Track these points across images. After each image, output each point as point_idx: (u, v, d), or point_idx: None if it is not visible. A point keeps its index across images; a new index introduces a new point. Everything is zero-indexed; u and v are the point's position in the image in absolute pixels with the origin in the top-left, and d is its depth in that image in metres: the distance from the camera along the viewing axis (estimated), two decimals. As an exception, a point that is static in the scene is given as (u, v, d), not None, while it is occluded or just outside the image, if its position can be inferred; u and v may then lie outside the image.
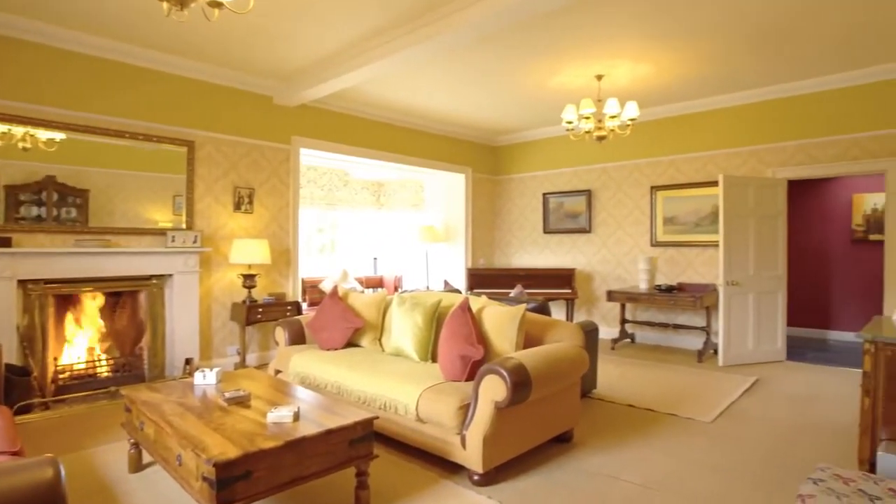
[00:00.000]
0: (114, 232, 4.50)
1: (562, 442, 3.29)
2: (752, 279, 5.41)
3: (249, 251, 5.10)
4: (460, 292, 4.16)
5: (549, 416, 3.04)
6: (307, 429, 2.24)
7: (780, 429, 3.57)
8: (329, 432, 2.25)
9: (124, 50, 4.47)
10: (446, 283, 5.08)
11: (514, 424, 2.78)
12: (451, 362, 3.05)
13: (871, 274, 6.52)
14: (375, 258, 9.20)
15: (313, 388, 3.50)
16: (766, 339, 5.47)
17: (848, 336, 6.66)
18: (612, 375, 4.94)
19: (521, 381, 2.61)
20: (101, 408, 3.95)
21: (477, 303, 3.46)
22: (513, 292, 4.32)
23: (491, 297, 3.99)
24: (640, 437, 3.41)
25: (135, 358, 4.71)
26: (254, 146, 5.50)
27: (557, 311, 7.54)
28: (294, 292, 5.88)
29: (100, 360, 4.52)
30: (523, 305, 3.16)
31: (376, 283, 8.47)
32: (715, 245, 6.02)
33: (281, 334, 4.21)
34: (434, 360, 3.54)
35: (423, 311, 3.63)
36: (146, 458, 2.92)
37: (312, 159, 7.21)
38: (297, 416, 2.35)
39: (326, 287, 7.58)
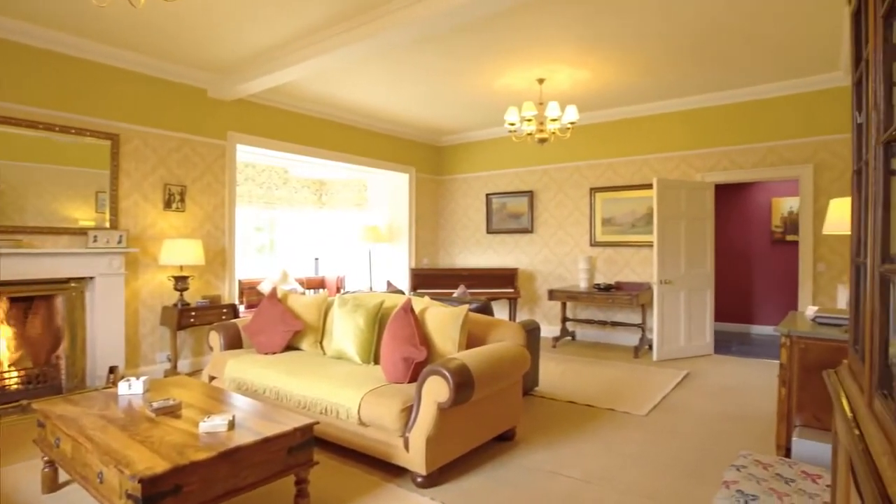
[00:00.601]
0: (26, 231, 4.14)
1: (504, 440, 3.32)
2: (684, 277, 5.69)
3: (181, 252, 4.84)
4: (403, 293, 4.11)
5: (491, 415, 3.06)
6: (243, 437, 2.14)
7: (709, 419, 3.77)
8: (266, 440, 2.16)
9: (37, 34, 4.11)
10: (389, 283, 5.01)
11: (457, 425, 2.78)
12: (393, 364, 3.01)
13: (787, 272, 7.02)
14: (317, 259, 8.99)
15: (250, 395, 3.36)
16: (697, 335, 5.77)
17: (768, 330, 7.15)
18: (554, 373, 5.06)
19: (463, 382, 2.61)
20: (10, 424, 3.63)
21: (420, 304, 3.44)
22: (456, 292, 4.33)
23: (434, 297, 3.98)
24: (580, 432, 3.50)
25: (51, 368, 4.36)
26: (185, 141, 5.22)
27: (500, 311, 7.64)
28: (230, 295, 5.64)
29: (9, 372, 4.15)
30: (466, 306, 3.17)
31: (318, 285, 8.27)
32: (650, 245, 6.30)
33: (215, 339, 4.02)
34: (377, 362, 3.48)
35: (365, 313, 3.56)
36: (63, 476, 2.70)
37: (250, 156, 6.95)
38: (231, 425, 2.24)
39: (265, 289, 7.33)
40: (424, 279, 6.85)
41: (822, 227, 5.42)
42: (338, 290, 8.07)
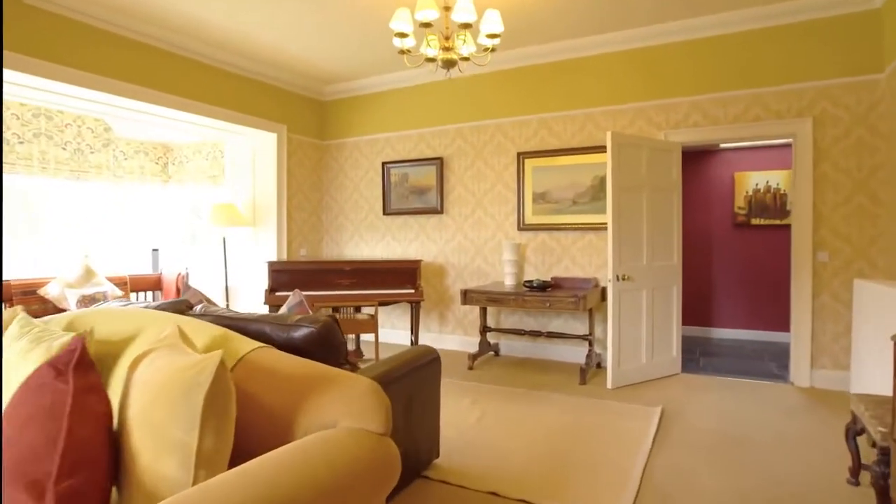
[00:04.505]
0: None
1: None
2: (646, 271, 4.10)
3: None
4: (189, 308, 2.16)
5: None
6: None
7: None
8: None
9: None
10: (184, 286, 2.85)
11: None
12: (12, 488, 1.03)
13: (754, 263, 5.71)
14: (156, 250, 6.64)
15: None
16: (662, 348, 4.21)
17: (732, 334, 5.81)
18: (467, 422, 3.25)
19: None
20: None
21: (144, 342, 1.47)
22: (285, 305, 2.43)
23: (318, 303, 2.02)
24: None
25: None
26: None
27: (399, 320, 5.78)
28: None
29: None
30: (210, 363, 1.21)
31: (152, 285, 5.97)
32: (595, 228, 4.68)
33: None
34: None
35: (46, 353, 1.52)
36: None
37: (46, 96, 4.55)
38: None
39: (52, 292, 4.96)
40: (289, 278, 4.81)
41: (823, 202, 4.06)
42: (178, 291, 5.82)
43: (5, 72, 3.83)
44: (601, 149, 4.58)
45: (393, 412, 2.20)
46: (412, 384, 2.36)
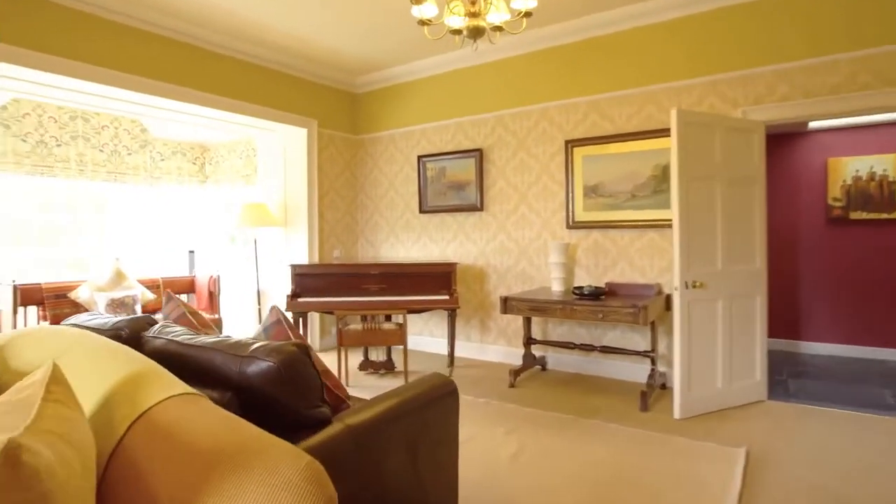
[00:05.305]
0: None
1: None
2: (722, 277, 3.41)
3: None
4: (148, 326, 1.79)
5: None
6: None
7: None
8: None
9: None
10: (166, 297, 2.38)
11: None
12: None
13: (855, 264, 4.82)
14: (192, 252, 6.50)
15: None
16: (742, 370, 3.50)
17: (826, 349, 4.93)
18: (499, 458, 2.71)
19: None
20: None
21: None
22: (261, 325, 2.00)
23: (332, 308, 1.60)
24: None
25: None
26: None
27: (436, 328, 5.30)
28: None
29: None
30: None
31: (186, 287, 5.80)
32: (658, 225, 4.01)
33: None
34: None
35: None
36: None
37: (83, 98, 4.46)
38: None
39: (82, 296, 4.84)
40: (313, 282, 4.44)
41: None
42: (210, 295, 5.61)
43: (43, 74, 3.70)
44: (664, 132, 3.91)
45: (393, 462, 1.72)
46: (419, 425, 1.86)
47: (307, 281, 4.41)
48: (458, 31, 2.97)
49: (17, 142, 5.14)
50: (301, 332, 4.63)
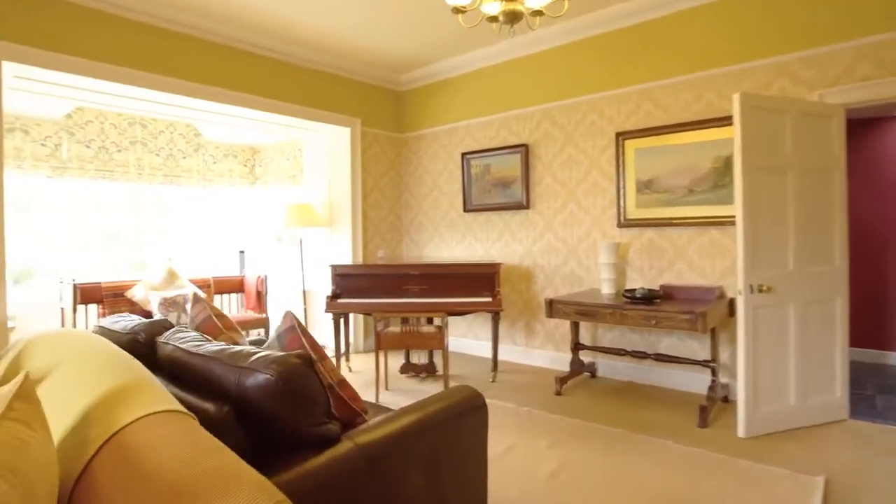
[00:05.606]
0: None
1: None
2: (794, 280, 3.05)
3: None
4: (164, 330, 1.73)
5: None
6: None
7: None
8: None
9: None
10: (194, 300, 2.30)
11: None
12: None
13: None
14: (242, 251, 6.64)
15: None
16: (819, 384, 3.11)
17: (915, 361, 4.38)
18: (537, 476, 2.51)
19: None
20: None
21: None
22: (274, 330, 1.92)
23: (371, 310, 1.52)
24: None
25: None
26: None
27: (480, 329, 5.13)
28: (-7, 313, 3.31)
29: None
30: None
31: (236, 287, 5.92)
32: (719, 222, 3.66)
33: None
34: None
35: None
36: None
37: (145, 106, 4.65)
38: None
39: (137, 294, 5.01)
40: (353, 283, 4.38)
41: None
42: (258, 295, 5.70)
43: (104, 83, 3.86)
44: (726, 121, 3.56)
45: (412, 484, 1.57)
46: (443, 443, 1.71)
47: (347, 281, 4.36)
48: (494, 18, 2.80)
49: (81, 148, 5.40)
50: (343, 333, 4.59)
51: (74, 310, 4.59)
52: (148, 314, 5.03)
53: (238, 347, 1.45)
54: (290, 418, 1.31)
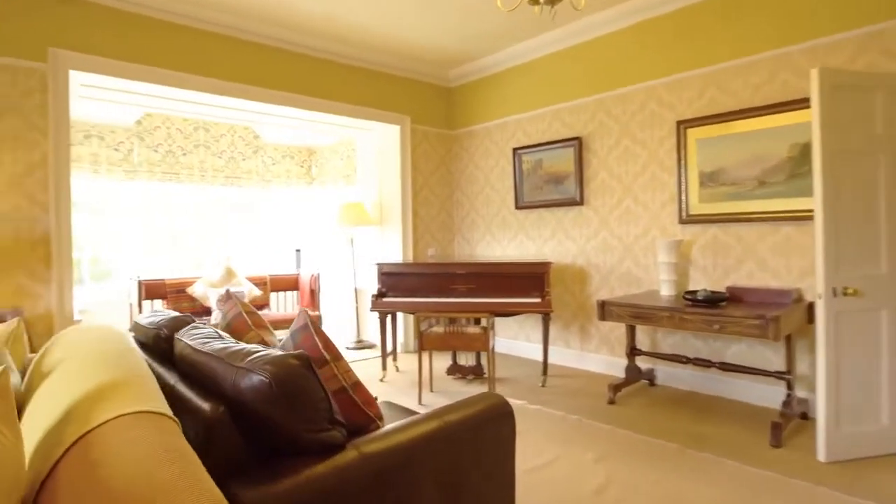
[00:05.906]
0: None
1: None
2: (886, 282, 2.65)
3: None
4: (185, 326, 1.71)
5: None
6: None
7: None
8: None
9: None
10: (225, 297, 2.34)
11: None
12: None
13: None
14: (298, 250, 6.79)
15: None
16: (916, 404, 2.70)
17: None
18: (580, 493, 2.31)
19: None
20: None
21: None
22: (288, 329, 1.86)
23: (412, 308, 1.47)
24: None
25: None
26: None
27: (531, 331, 4.93)
28: (60, 306, 3.52)
29: None
30: None
31: (291, 285, 6.05)
32: (796, 218, 3.28)
33: None
34: None
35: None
36: None
37: (203, 109, 4.85)
38: None
39: (197, 291, 5.22)
40: (399, 281, 4.32)
41: None
42: (312, 293, 5.79)
43: (173, 90, 4.05)
44: (803, 103, 3.18)
45: (423, 501, 1.45)
46: (463, 455, 1.57)
47: (393, 280, 4.31)
48: (535, 1, 2.63)
49: (149, 152, 5.71)
50: (390, 332, 4.55)
51: (140, 305, 4.84)
52: (207, 310, 5.23)
53: (241, 346, 1.39)
54: (286, 423, 1.23)
